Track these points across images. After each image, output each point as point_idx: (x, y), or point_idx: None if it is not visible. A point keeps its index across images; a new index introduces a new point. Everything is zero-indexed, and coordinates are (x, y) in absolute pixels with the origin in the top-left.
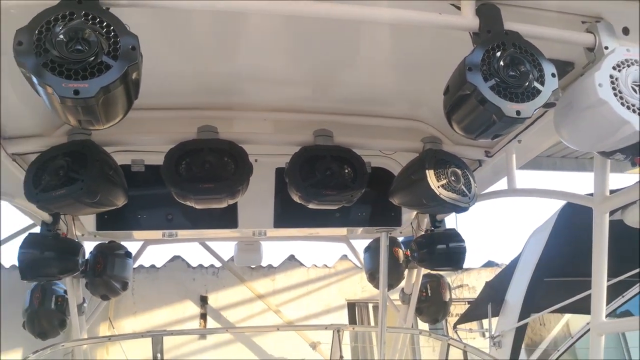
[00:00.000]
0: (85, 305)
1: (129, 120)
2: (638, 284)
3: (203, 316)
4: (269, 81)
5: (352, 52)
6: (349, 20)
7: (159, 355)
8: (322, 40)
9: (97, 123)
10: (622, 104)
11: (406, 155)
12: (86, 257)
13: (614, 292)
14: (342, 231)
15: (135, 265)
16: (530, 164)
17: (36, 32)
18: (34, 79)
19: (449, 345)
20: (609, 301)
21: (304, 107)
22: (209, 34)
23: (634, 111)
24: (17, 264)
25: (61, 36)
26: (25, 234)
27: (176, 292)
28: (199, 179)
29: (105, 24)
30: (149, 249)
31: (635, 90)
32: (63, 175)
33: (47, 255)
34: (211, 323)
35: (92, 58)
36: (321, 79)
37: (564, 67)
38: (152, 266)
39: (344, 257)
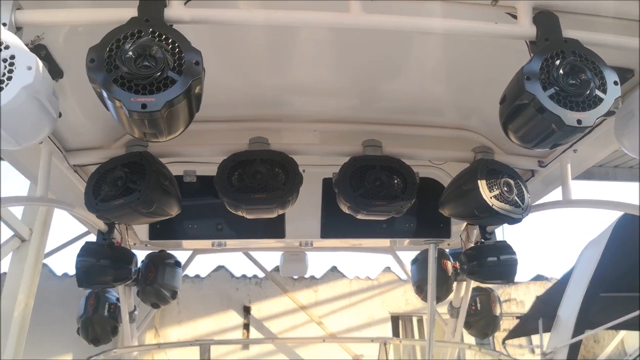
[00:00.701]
0: (136, 312)
1: (185, 132)
2: None
3: (246, 326)
4: (318, 93)
5: (399, 61)
6: (404, 32)
7: None
8: (369, 51)
9: (161, 135)
10: None
11: (455, 166)
12: (138, 266)
13: None
14: (387, 242)
15: None
16: (582, 173)
17: (107, 49)
18: (104, 94)
19: None
20: None
21: (352, 118)
22: (260, 48)
23: None
24: (68, 272)
25: (130, 53)
26: (77, 243)
27: (220, 301)
28: (250, 189)
29: (170, 40)
30: (195, 259)
31: None
32: (121, 185)
33: (102, 263)
34: (253, 333)
35: (159, 74)
36: (368, 89)
37: (623, 75)
38: (197, 276)
39: (387, 269)
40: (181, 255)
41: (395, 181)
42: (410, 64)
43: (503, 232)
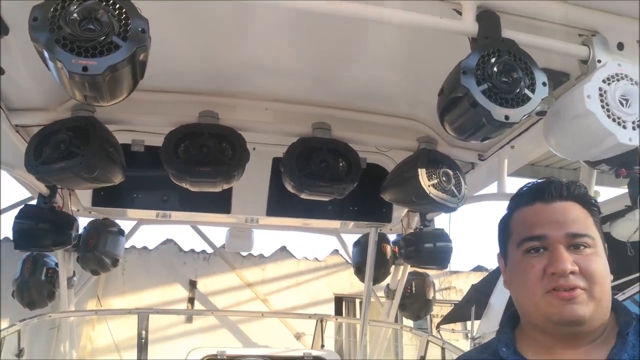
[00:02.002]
0: (75, 279)
1: (132, 101)
2: (618, 295)
3: (191, 300)
4: (273, 72)
5: (355, 48)
6: (352, 18)
7: (143, 332)
8: (327, 36)
9: (102, 100)
10: (609, 116)
11: (402, 154)
12: (80, 232)
13: None
14: (334, 224)
15: (128, 246)
16: (529, 173)
17: (51, 9)
18: (46, 54)
19: (428, 342)
20: None
21: (305, 100)
22: (218, 22)
23: (619, 124)
24: (9, 236)
25: (75, 15)
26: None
27: (166, 274)
28: (196, 161)
29: (117, 5)
30: (143, 230)
31: (622, 104)
32: (64, 149)
33: (41, 227)
34: (199, 308)
35: (103, 37)
36: (323, 73)
37: (559, 78)
38: (144, 247)
39: (335, 251)
40: (127, 225)
41: (341, 164)
42: (365, 51)
43: (449, 223)
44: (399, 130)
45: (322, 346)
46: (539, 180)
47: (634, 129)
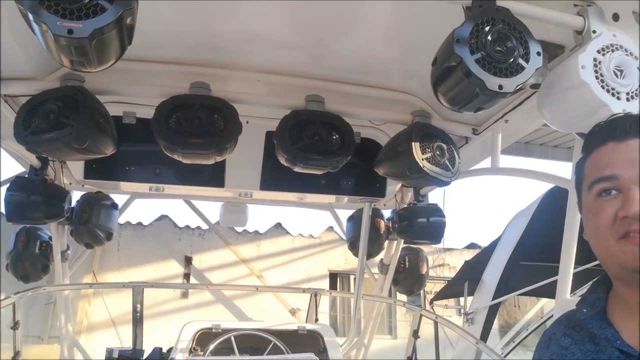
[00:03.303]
0: (69, 252)
1: (123, 71)
2: None
3: (186, 276)
4: (266, 43)
5: (349, 20)
6: None
7: (138, 306)
8: (320, 7)
9: (89, 65)
10: (603, 87)
11: (396, 128)
12: (72, 205)
13: (585, 279)
14: (328, 199)
15: (122, 222)
16: (523, 151)
17: None
18: (30, 16)
19: (421, 316)
20: (580, 286)
21: (298, 72)
22: None
23: (613, 95)
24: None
25: None
26: None
27: (161, 250)
28: (187, 133)
29: None
30: (137, 206)
31: (617, 75)
32: (53, 119)
33: (33, 199)
34: (194, 283)
35: (88, 0)
36: (317, 45)
37: (554, 50)
38: (139, 223)
39: (330, 228)
40: (121, 199)
41: (334, 137)
42: (359, 23)
43: (444, 200)
44: (393, 103)
45: (316, 320)
46: (613, 116)
47: (627, 100)
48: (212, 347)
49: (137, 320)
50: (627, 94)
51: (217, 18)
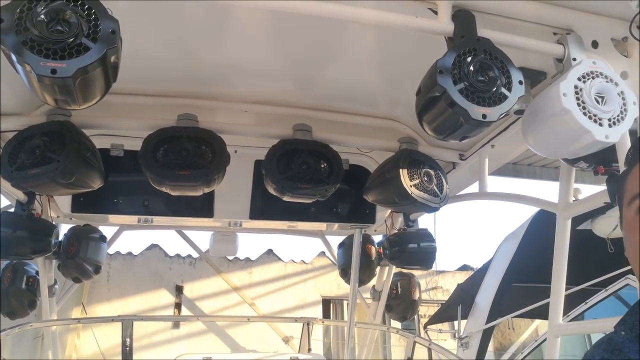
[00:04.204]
0: (56, 287)
1: (110, 105)
2: (601, 291)
3: (178, 306)
4: (252, 73)
5: (335, 49)
6: (327, 17)
7: (128, 340)
8: (306, 37)
9: (74, 103)
10: (585, 114)
11: (383, 154)
12: (60, 239)
13: (579, 299)
14: (318, 226)
15: (112, 252)
16: (511, 172)
17: (18, 10)
18: (13, 57)
19: (414, 342)
20: (573, 307)
21: (285, 102)
22: (196, 23)
23: (595, 121)
24: None
25: (42, 16)
26: None
27: (152, 280)
28: (175, 165)
29: (86, 6)
30: (127, 236)
31: (598, 102)
32: (39, 154)
33: (20, 235)
34: (185, 313)
35: (72, 39)
36: (303, 74)
37: (536, 77)
38: (129, 253)
39: (322, 253)
40: (109, 231)
41: (322, 166)
42: (345, 52)
43: (435, 223)
44: (380, 131)
45: (309, 349)
46: None
47: (610, 126)
48: None
49: (127, 354)
50: (609, 119)
51: (203, 50)
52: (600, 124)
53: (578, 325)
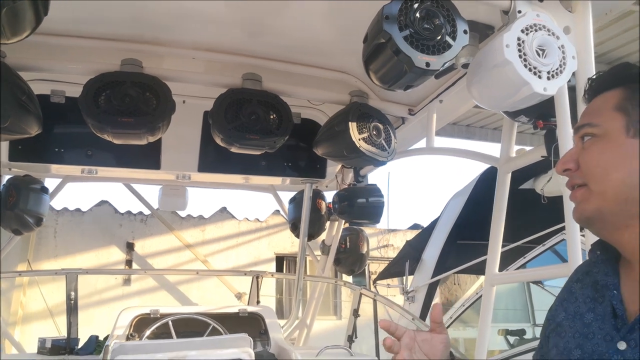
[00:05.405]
0: None
1: (49, 46)
2: (538, 247)
3: (129, 262)
4: (202, 19)
5: None
6: None
7: (72, 293)
8: None
9: (2, 36)
10: (525, 66)
11: (335, 108)
12: None
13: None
14: (270, 181)
15: (59, 208)
16: (464, 133)
17: None
18: None
19: (360, 294)
20: (513, 261)
21: (235, 49)
22: None
23: (534, 73)
24: None
25: None
26: None
27: (102, 237)
28: (118, 112)
29: None
30: (75, 192)
31: (538, 54)
32: None
33: None
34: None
35: None
36: (254, 22)
37: (484, 30)
38: (78, 209)
39: (276, 212)
40: (53, 183)
41: (272, 117)
42: (298, 1)
43: (388, 182)
44: (332, 83)
45: (258, 302)
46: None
47: (548, 78)
48: (148, 332)
49: (72, 308)
50: (548, 72)
51: None
52: (540, 77)
53: (512, 274)
